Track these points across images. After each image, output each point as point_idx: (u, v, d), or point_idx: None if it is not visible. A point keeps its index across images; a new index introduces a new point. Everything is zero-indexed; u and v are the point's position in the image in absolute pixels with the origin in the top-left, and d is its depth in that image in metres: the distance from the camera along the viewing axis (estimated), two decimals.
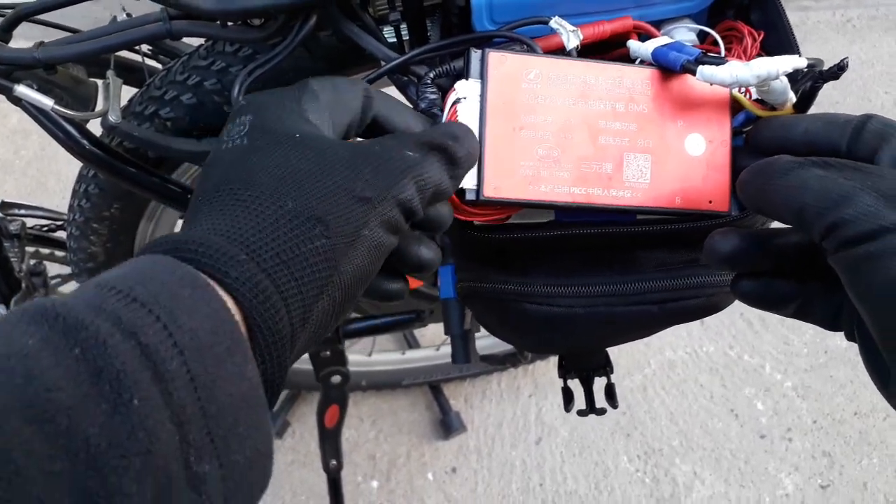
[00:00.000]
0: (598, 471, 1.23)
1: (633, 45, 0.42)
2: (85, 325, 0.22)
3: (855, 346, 0.33)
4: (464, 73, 0.39)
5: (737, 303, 1.36)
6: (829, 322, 0.35)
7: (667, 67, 0.39)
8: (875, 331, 0.28)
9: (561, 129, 0.38)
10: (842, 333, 0.35)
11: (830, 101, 1.61)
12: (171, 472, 0.22)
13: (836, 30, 1.74)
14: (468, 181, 0.37)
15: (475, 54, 0.39)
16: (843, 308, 0.34)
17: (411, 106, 0.42)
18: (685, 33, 0.46)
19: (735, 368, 1.33)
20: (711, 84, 0.38)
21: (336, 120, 0.34)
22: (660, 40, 0.41)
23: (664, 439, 1.26)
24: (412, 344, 1.28)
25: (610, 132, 0.39)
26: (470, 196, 0.37)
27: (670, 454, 1.25)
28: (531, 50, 0.41)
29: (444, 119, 0.38)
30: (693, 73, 0.38)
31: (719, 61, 0.38)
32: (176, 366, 0.23)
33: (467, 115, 0.38)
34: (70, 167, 1.36)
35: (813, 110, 0.39)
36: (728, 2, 0.46)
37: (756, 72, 0.37)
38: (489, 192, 0.37)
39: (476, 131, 0.37)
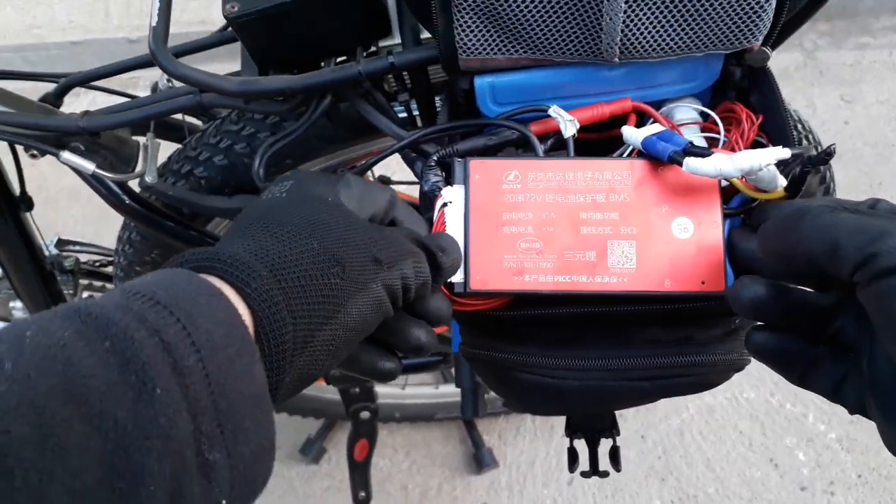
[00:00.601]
0: None
1: (627, 132, 0.43)
2: (114, 322, 0.25)
3: None
4: (450, 179, 0.42)
5: None
6: (831, 391, 0.35)
7: (655, 157, 0.41)
8: None
9: (542, 223, 0.40)
10: None
11: (886, 142, 1.57)
12: (186, 458, 0.24)
13: (893, 69, 1.69)
14: (457, 276, 0.39)
15: (458, 163, 0.42)
16: (847, 378, 0.34)
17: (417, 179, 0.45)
18: (687, 112, 0.47)
19: (776, 416, 1.29)
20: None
21: (363, 208, 0.39)
22: (651, 129, 0.42)
23: (699, 486, 1.24)
24: (447, 378, 1.29)
25: (591, 222, 0.40)
26: (458, 289, 0.40)
27: (706, 501, 1.22)
28: (524, 140, 0.43)
29: (434, 217, 0.41)
30: (680, 164, 0.39)
31: (705, 153, 0.39)
32: (193, 362, 0.25)
33: (453, 217, 0.41)
34: None
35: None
36: (729, 83, 0.47)
37: (739, 165, 0.38)
38: (475, 284, 0.40)
39: (462, 231, 0.41)
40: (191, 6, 1.74)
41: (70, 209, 1.61)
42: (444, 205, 0.42)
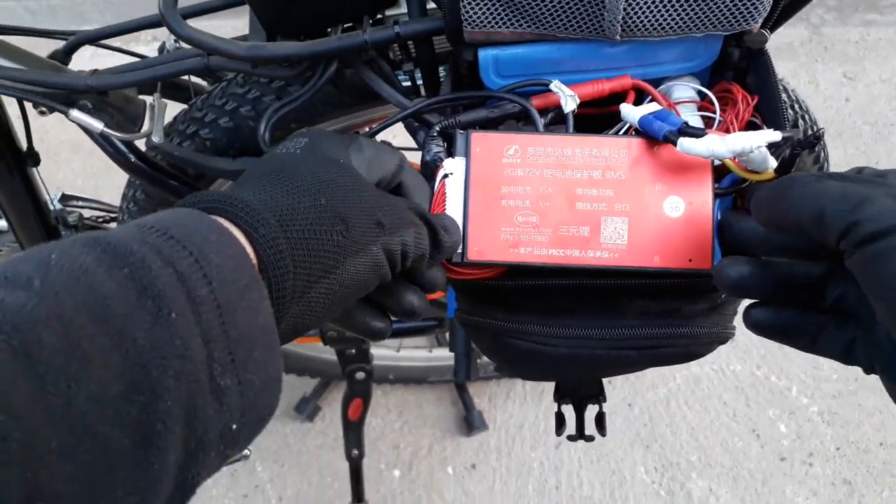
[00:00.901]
0: (614, 479, 1.26)
1: (625, 109, 0.44)
2: (132, 251, 0.26)
3: None
4: (452, 151, 0.43)
5: None
6: (843, 355, 0.36)
7: (650, 136, 0.42)
8: (894, 330, 0.29)
9: (539, 198, 0.41)
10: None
11: (886, 121, 1.58)
12: (200, 380, 0.26)
13: None
14: None
15: (460, 135, 0.43)
16: (856, 341, 0.35)
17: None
18: (684, 91, 0.48)
19: (761, 389, 1.33)
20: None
21: (372, 171, 0.40)
22: (647, 108, 0.43)
23: (683, 454, 1.28)
24: (441, 342, 1.32)
25: (587, 198, 0.42)
26: (455, 258, 0.42)
27: (688, 469, 1.26)
28: (525, 113, 0.44)
29: (435, 187, 0.42)
30: (674, 143, 0.40)
31: (699, 133, 0.40)
32: (206, 293, 0.27)
33: (454, 188, 0.42)
34: None
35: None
36: (727, 64, 0.48)
37: (731, 147, 0.39)
38: (473, 255, 0.41)
39: (461, 202, 0.42)
40: None
41: (71, 163, 1.61)
42: (446, 176, 0.43)
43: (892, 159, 1.52)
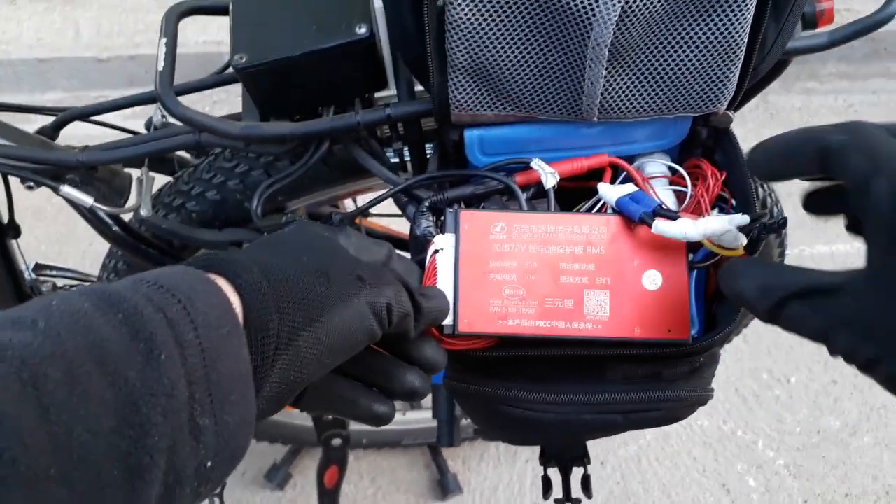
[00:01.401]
0: None
1: (602, 189, 0.47)
2: (126, 298, 0.29)
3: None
4: (441, 227, 0.45)
5: (731, 378, 1.40)
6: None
7: (627, 216, 0.45)
8: None
9: (525, 272, 0.44)
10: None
11: None
12: (182, 419, 0.28)
13: (838, 114, 1.80)
14: (447, 318, 0.42)
15: (450, 213, 0.45)
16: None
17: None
18: (657, 166, 0.52)
19: (728, 443, 1.35)
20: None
21: (360, 256, 0.41)
22: (624, 189, 0.46)
23: None
24: (414, 405, 1.32)
25: (570, 272, 0.44)
26: (447, 330, 0.43)
27: None
28: (508, 190, 0.46)
29: (427, 263, 0.44)
30: (649, 225, 0.43)
31: (673, 216, 0.43)
32: (192, 337, 0.29)
33: (444, 263, 0.44)
34: None
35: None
36: (696, 142, 0.51)
37: (703, 230, 0.42)
38: (464, 327, 0.43)
39: (452, 277, 0.44)
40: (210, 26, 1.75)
41: (34, 229, 1.59)
42: (436, 251, 0.45)
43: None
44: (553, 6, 0.40)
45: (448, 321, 0.43)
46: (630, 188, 0.46)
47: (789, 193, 0.45)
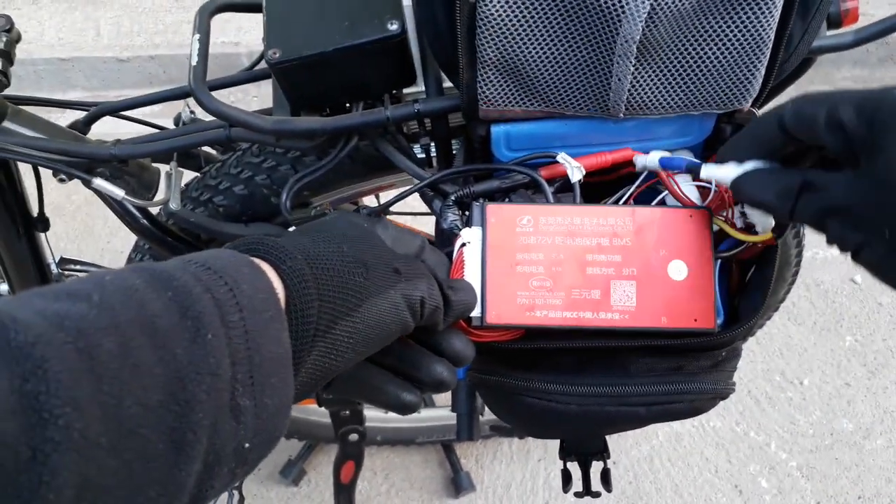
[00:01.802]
0: None
1: (639, 159, 0.48)
2: (176, 277, 0.30)
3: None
4: (468, 221, 0.46)
5: (744, 379, 1.39)
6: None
7: (672, 169, 0.46)
8: None
9: (552, 263, 0.44)
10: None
11: None
12: (224, 398, 0.28)
13: None
14: (475, 310, 0.43)
15: (476, 207, 0.46)
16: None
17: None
18: None
19: (741, 444, 1.35)
20: (712, 184, 0.45)
21: (396, 247, 0.42)
22: (659, 153, 0.47)
23: None
24: (428, 403, 1.32)
25: (596, 263, 0.45)
26: (476, 322, 0.44)
27: None
28: (534, 183, 0.47)
29: (454, 256, 0.45)
30: (697, 172, 0.44)
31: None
32: (237, 319, 0.30)
33: (471, 256, 0.44)
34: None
35: None
36: (719, 138, 0.52)
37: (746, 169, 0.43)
38: (492, 318, 0.44)
39: (479, 269, 0.44)
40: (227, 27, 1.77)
41: (54, 226, 1.60)
42: (463, 245, 0.46)
43: None
44: (583, 3, 0.41)
45: (476, 313, 0.44)
46: (664, 152, 0.47)
47: None
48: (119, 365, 0.26)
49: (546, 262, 0.45)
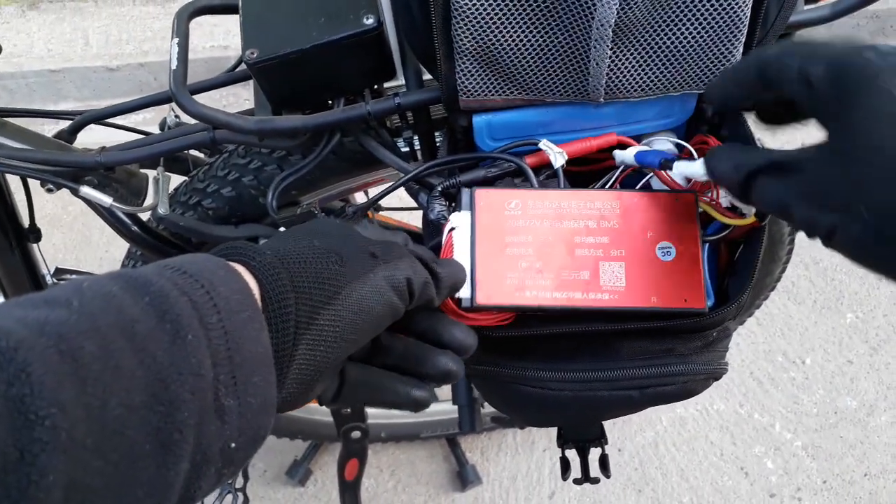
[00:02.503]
0: None
1: (618, 153, 0.48)
2: (152, 283, 0.30)
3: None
4: (456, 206, 0.46)
5: (746, 361, 1.40)
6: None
7: (647, 165, 0.46)
8: None
9: (541, 245, 0.45)
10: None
11: None
12: (208, 398, 0.29)
13: None
14: (464, 292, 0.43)
15: (465, 191, 0.46)
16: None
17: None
18: (664, 144, 0.52)
19: (745, 426, 1.35)
20: (687, 178, 0.45)
21: None
22: (637, 147, 0.47)
23: (675, 495, 1.29)
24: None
25: (585, 245, 0.45)
26: (465, 304, 0.44)
27: None
28: (519, 171, 0.47)
29: (443, 240, 0.45)
30: (670, 168, 0.44)
31: (691, 159, 0.44)
32: (215, 320, 0.30)
33: (460, 240, 0.44)
34: None
35: None
36: (701, 119, 0.52)
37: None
38: (482, 299, 0.44)
39: (468, 253, 0.44)
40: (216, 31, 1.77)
41: (51, 237, 1.61)
42: (452, 229, 0.46)
43: None
44: None
45: (466, 294, 0.44)
46: (642, 147, 0.47)
47: None
48: (101, 367, 0.26)
49: (535, 244, 0.45)
